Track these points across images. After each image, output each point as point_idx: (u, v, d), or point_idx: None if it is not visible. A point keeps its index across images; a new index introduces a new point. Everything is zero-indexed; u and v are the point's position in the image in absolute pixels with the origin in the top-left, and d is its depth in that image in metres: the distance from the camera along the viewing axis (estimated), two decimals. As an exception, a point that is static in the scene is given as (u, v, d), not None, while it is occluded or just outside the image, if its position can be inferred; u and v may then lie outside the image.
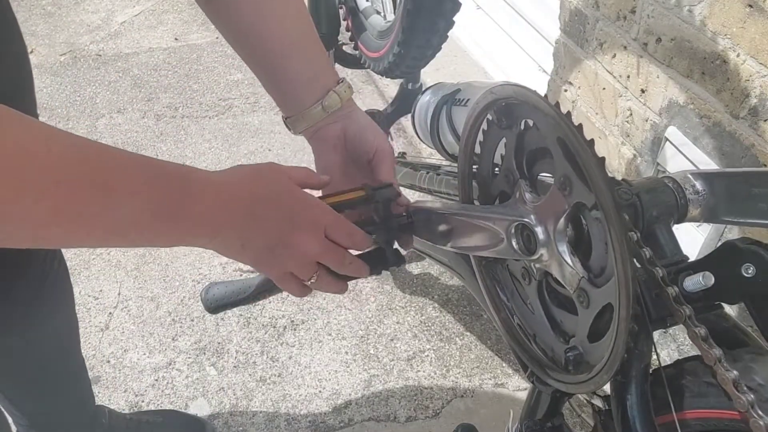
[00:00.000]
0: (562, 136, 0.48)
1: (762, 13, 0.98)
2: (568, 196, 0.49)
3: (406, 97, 1.42)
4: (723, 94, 1.08)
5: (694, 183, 0.56)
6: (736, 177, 0.57)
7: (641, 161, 1.34)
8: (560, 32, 1.55)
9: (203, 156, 2.06)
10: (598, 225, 0.49)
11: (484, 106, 0.58)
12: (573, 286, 0.51)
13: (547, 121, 0.51)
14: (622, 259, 0.43)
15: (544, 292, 0.58)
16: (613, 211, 0.43)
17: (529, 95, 0.50)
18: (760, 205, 0.54)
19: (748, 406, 0.45)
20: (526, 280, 0.59)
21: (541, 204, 0.53)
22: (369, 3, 1.37)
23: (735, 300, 0.53)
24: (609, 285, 0.47)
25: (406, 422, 1.34)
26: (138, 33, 2.71)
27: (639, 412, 0.54)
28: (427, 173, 1.17)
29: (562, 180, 0.50)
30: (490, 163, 0.63)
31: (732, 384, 0.47)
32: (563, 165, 0.49)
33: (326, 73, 0.70)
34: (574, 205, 0.49)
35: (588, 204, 0.48)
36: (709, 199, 0.55)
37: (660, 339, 1.32)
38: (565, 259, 0.51)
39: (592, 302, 0.50)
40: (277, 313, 1.57)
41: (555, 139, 0.50)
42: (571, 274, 0.51)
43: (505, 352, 1.46)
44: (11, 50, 0.76)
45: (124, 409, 1.36)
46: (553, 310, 0.57)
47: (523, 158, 0.57)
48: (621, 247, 0.43)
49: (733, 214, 0.56)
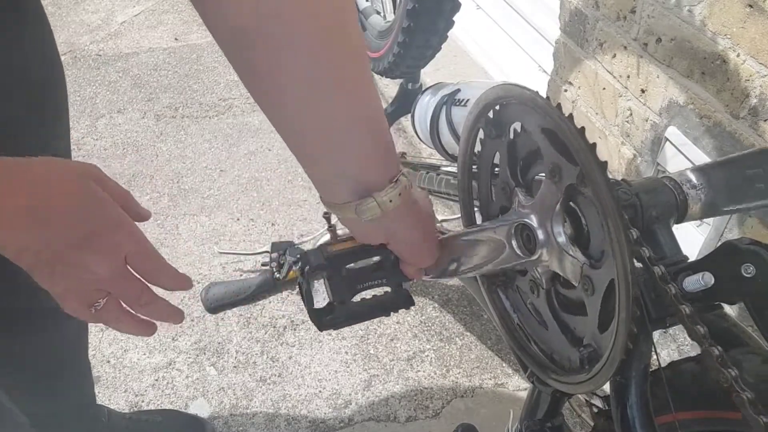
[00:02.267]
0: (543, 118, 0.49)
1: (762, 13, 0.98)
2: (559, 183, 0.50)
3: (406, 97, 1.42)
4: (723, 94, 1.08)
5: (691, 178, 0.56)
6: (729, 164, 0.57)
7: (641, 161, 1.34)
8: (560, 32, 1.55)
9: (203, 156, 2.06)
10: (590, 204, 0.49)
11: (474, 120, 0.59)
12: (577, 277, 0.51)
13: (528, 111, 0.51)
14: (612, 215, 0.44)
15: (554, 301, 0.57)
16: (596, 165, 0.44)
17: (509, 87, 0.51)
18: (757, 185, 0.54)
19: (748, 405, 0.45)
20: (535, 293, 0.59)
21: (536, 201, 0.54)
22: (369, 3, 1.37)
23: (735, 300, 0.53)
24: (608, 261, 0.47)
25: (406, 422, 1.34)
26: (138, 33, 2.71)
27: (639, 413, 0.54)
28: (427, 173, 1.17)
29: (551, 168, 0.50)
30: (488, 182, 0.64)
31: (732, 383, 0.47)
32: (550, 154, 0.50)
33: (373, 169, 0.51)
34: (566, 189, 0.50)
35: (577, 182, 0.48)
36: (708, 192, 0.55)
37: (660, 339, 1.32)
38: (564, 249, 0.51)
39: (596, 286, 0.49)
40: (277, 313, 1.57)
41: (540, 130, 0.51)
42: (573, 264, 0.51)
43: (505, 352, 1.46)
44: (43, 50, 0.76)
45: (124, 408, 1.36)
46: (564, 318, 0.57)
47: (517, 166, 0.58)
48: (609, 204, 0.44)
49: (732, 201, 0.56)
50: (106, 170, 2.05)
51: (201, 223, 1.82)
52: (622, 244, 0.44)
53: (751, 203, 0.55)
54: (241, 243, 1.76)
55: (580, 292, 0.52)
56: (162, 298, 0.56)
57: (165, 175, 1.99)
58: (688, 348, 1.26)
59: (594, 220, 0.49)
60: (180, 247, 1.74)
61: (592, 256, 0.50)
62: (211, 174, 1.99)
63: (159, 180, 1.97)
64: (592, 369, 0.52)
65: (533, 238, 0.54)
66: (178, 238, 1.77)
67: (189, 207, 1.87)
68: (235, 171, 2.00)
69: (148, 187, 1.94)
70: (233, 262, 1.69)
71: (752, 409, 0.44)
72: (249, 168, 2.01)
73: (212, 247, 1.74)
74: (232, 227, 1.80)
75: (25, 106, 0.74)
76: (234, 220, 1.83)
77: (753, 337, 0.56)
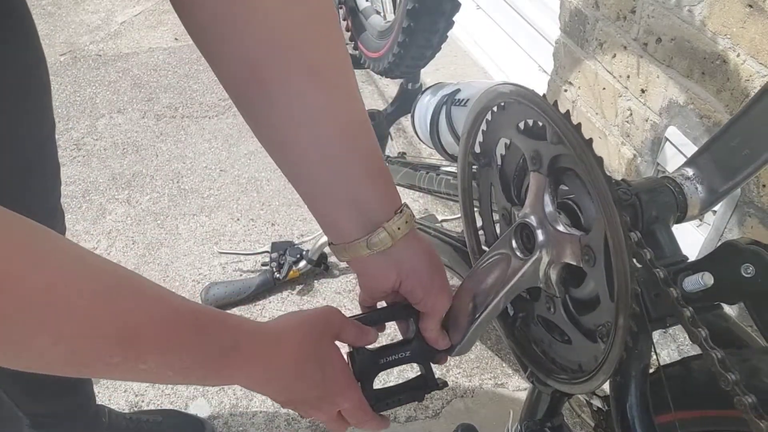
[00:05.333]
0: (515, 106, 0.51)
1: (762, 13, 0.98)
2: (541, 167, 0.51)
3: (406, 97, 1.42)
4: (723, 94, 1.08)
5: (684, 171, 0.56)
6: (711, 144, 0.57)
7: (641, 161, 1.34)
8: (560, 32, 1.55)
9: (203, 156, 2.06)
10: (575, 177, 0.50)
11: (473, 120, 0.60)
12: (578, 255, 0.51)
13: (504, 105, 0.54)
14: (589, 162, 0.45)
15: (570, 307, 0.57)
16: (568, 124, 0.46)
17: (490, 86, 0.54)
18: (743, 152, 0.54)
19: (748, 406, 0.45)
20: (551, 308, 0.58)
21: (527, 198, 0.55)
22: (369, 3, 1.37)
23: (735, 300, 0.53)
24: (600, 221, 0.48)
25: (406, 422, 1.34)
26: (138, 33, 2.71)
27: (638, 413, 0.54)
28: (427, 173, 1.17)
29: (531, 157, 0.52)
30: (490, 213, 0.65)
31: (732, 384, 0.47)
32: (528, 145, 0.52)
33: (378, 202, 0.55)
34: (549, 169, 0.51)
35: (552, 142, 0.50)
36: (703, 179, 0.56)
37: (660, 339, 1.32)
38: (558, 229, 0.52)
39: (595, 250, 0.49)
40: (277, 312, 1.57)
41: (516, 131, 0.53)
42: (572, 243, 0.51)
43: (506, 352, 1.46)
44: (22, 58, 0.75)
45: (124, 408, 1.36)
46: (584, 321, 0.56)
47: (510, 187, 0.59)
48: (587, 153, 0.45)
49: (727, 178, 0.56)
50: (106, 170, 2.04)
51: (201, 223, 1.82)
52: (605, 190, 0.45)
53: (745, 172, 0.55)
54: (241, 243, 1.76)
55: (588, 278, 0.52)
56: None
57: (165, 175, 1.99)
58: (688, 348, 1.26)
59: (581, 190, 0.50)
60: (180, 247, 1.74)
61: (586, 229, 0.51)
62: (211, 174, 1.99)
63: (159, 180, 1.97)
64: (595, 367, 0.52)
65: (530, 232, 0.55)
66: (178, 238, 1.77)
67: (189, 207, 1.87)
68: (235, 171, 2.00)
69: (148, 187, 1.94)
70: (233, 262, 1.69)
71: (753, 412, 0.44)
72: (249, 168, 2.01)
73: (212, 247, 1.74)
74: (232, 227, 1.80)
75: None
76: (234, 220, 1.83)
77: (753, 337, 0.56)
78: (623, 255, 0.44)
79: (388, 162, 1.33)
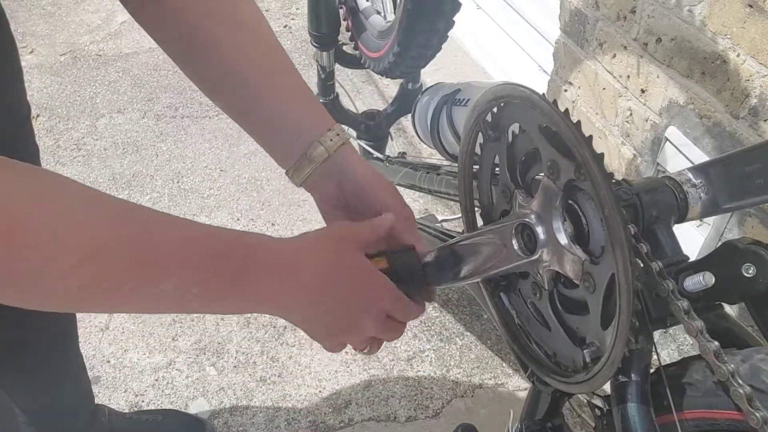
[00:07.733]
0: (540, 115, 0.49)
1: (762, 13, 0.98)
2: (558, 180, 0.50)
3: (406, 97, 1.42)
4: (723, 94, 1.09)
5: (690, 177, 0.56)
6: (728, 161, 0.57)
7: (641, 161, 1.34)
8: (560, 32, 1.56)
9: (203, 156, 2.06)
10: (589, 200, 0.49)
11: (474, 120, 0.59)
12: (578, 275, 0.51)
13: (525, 109, 0.52)
14: (609, 204, 0.44)
15: (556, 302, 0.57)
16: (593, 157, 0.44)
17: (507, 87, 0.52)
18: (756, 181, 0.54)
19: (747, 402, 0.45)
20: (537, 294, 0.59)
21: (536, 200, 0.54)
22: (369, 3, 1.37)
23: (735, 300, 0.53)
24: (608, 256, 0.47)
25: (406, 422, 1.34)
26: (138, 33, 2.70)
27: (639, 412, 0.54)
28: (427, 173, 1.17)
29: (549, 166, 0.50)
30: (489, 185, 0.64)
31: (730, 380, 0.47)
32: (548, 151, 0.50)
33: (314, 120, 0.63)
34: (565, 186, 0.50)
35: (575, 176, 0.48)
36: (708, 191, 0.55)
37: (660, 339, 1.32)
38: (565, 247, 0.51)
39: (597, 282, 0.49)
40: (277, 313, 1.57)
41: (538, 129, 0.51)
42: (574, 262, 0.51)
43: (506, 352, 1.46)
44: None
45: (124, 408, 1.36)
46: (567, 319, 0.57)
47: (517, 168, 0.58)
48: (607, 195, 0.44)
49: (733, 199, 0.55)
50: (106, 170, 2.04)
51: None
52: (621, 237, 0.44)
53: (751, 199, 0.55)
54: (241, 243, 1.75)
55: (582, 291, 0.52)
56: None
57: (165, 175, 1.99)
58: (688, 348, 1.26)
59: (593, 216, 0.50)
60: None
61: (593, 253, 0.50)
62: (211, 174, 1.99)
63: (159, 180, 1.97)
64: (595, 367, 0.52)
65: (533, 237, 0.54)
66: (178, 238, 1.77)
67: (189, 207, 1.87)
68: (235, 171, 2.00)
69: (148, 187, 1.94)
70: (233, 262, 1.69)
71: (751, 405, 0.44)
72: (249, 168, 2.01)
73: (212, 247, 1.73)
74: (232, 227, 1.80)
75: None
76: (234, 220, 1.83)
77: (754, 337, 0.56)
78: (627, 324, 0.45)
79: (388, 162, 1.33)
